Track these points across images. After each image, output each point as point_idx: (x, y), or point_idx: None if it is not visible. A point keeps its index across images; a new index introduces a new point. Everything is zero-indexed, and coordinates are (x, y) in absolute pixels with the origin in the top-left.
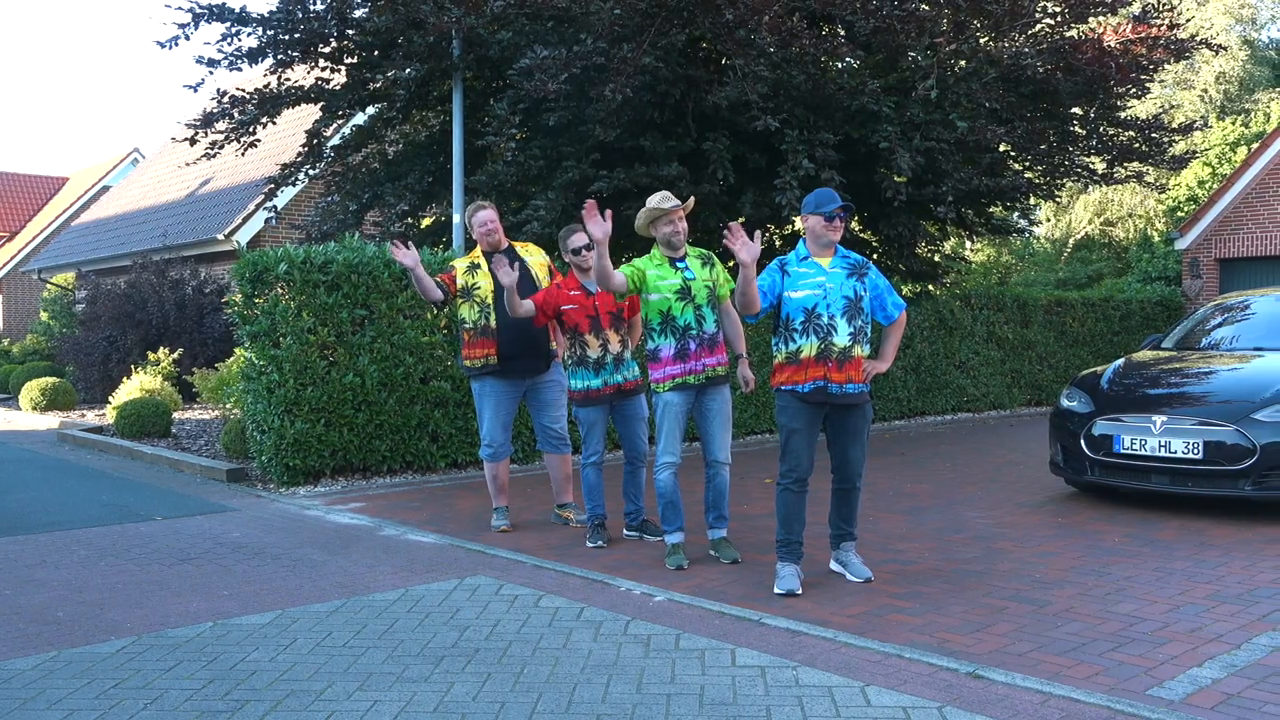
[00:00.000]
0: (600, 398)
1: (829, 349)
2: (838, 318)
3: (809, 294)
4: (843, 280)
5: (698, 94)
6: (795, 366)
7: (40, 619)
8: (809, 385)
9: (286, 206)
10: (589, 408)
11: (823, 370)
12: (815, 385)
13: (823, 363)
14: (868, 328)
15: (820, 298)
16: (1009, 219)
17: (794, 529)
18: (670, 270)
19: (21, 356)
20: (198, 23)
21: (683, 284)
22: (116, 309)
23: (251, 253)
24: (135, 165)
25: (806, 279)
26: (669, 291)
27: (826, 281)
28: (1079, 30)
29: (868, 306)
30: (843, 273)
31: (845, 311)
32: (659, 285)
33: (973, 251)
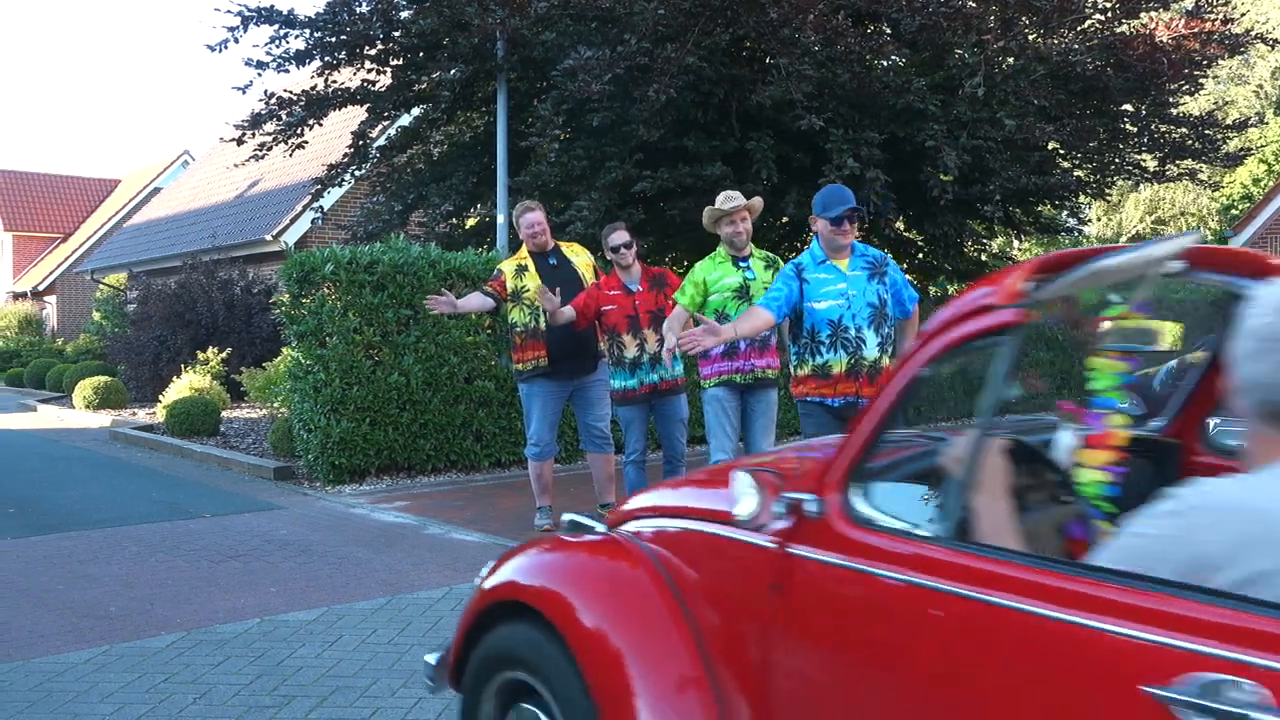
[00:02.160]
0: (636, 397)
1: (859, 364)
2: (865, 329)
3: (832, 305)
4: (864, 285)
5: (741, 93)
6: (823, 380)
7: (93, 614)
8: (840, 400)
9: (333, 207)
10: (627, 406)
11: (854, 386)
12: (847, 401)
13: (853, 378)
14: (892, 334)
15: (844, 309)
16: (1058, 218)
17: None
18: (732, 269)
19: (75, 356)
20: (246, 25)
21: (742, 283)
22: (167, 309)
23: (298, 253)
24: (185, 167)
25: (827, 286)
26: (728, 291)
27: (849, 289)
28: (1130, 26)
29: (891, 312)
30: (864, 275)
31: (871, 320)
32: (720, 285)
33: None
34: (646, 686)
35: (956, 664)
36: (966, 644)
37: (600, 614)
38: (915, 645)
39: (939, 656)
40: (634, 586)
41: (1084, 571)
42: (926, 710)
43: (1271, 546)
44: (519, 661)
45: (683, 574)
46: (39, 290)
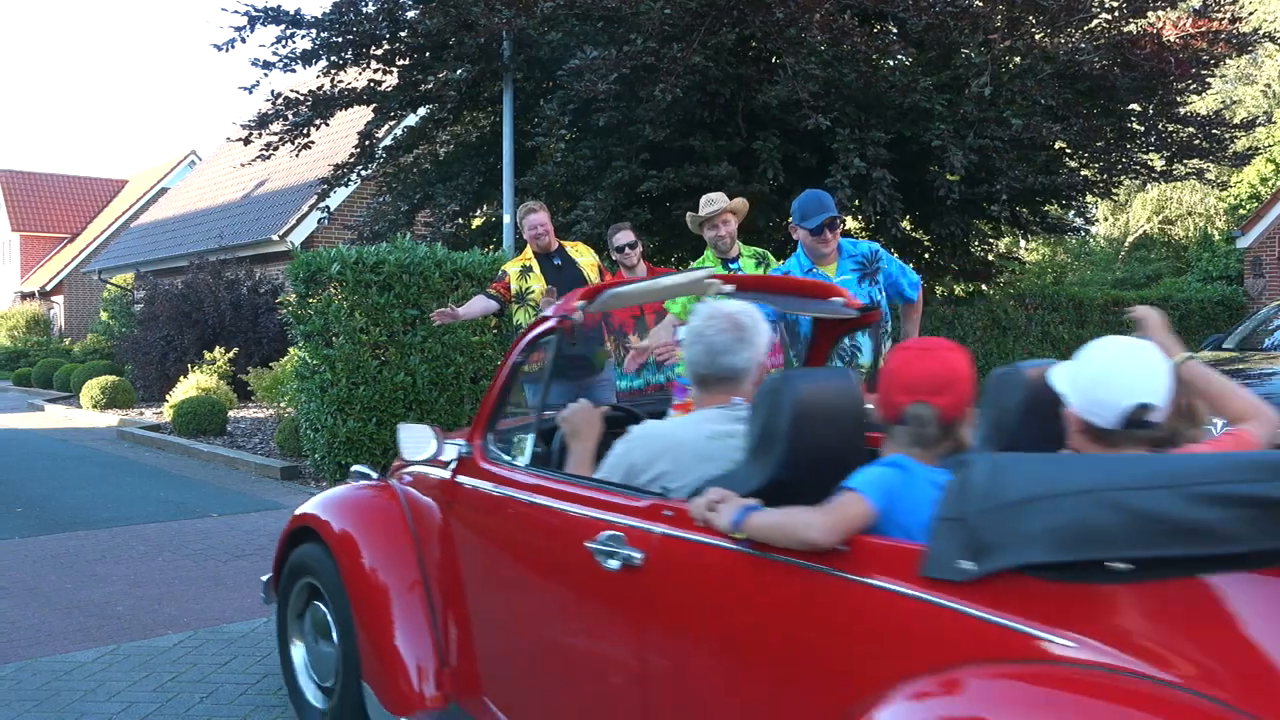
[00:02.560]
0: (641, 399)
1: (858, 373)
2: (858, 336)
3: None
4: (854, 290)
5: (747, 93)
6: None
7: (101, 613)
8: None
9: (339, 207)
10: None
11: None
12: None
13: None
14: (888, 330)
15: None
16: (1065, 217)
17: None
18: (722, 272)
19: (82, 355)
20: (253, 26)
21: None
22: (174, 309)
23: (305, 253)
24: (192, 167)
25: None
26: (720, 296)
27: None
28: (1137, 25)
29: (886, 311)
30: (853, 279)
31: None
32: None
33: (1027, 251)
34: (382, 582)
35: (526, 537)
36: (526, 524)
37: (355, 534)
38: (508, 529)
39: (519, 534)
40: (381, 514)
41: (571, 480)
42: (516, 566)
43: (669, 457)
44: (310, 570)
45: (414, 504)
46: (46, 290)
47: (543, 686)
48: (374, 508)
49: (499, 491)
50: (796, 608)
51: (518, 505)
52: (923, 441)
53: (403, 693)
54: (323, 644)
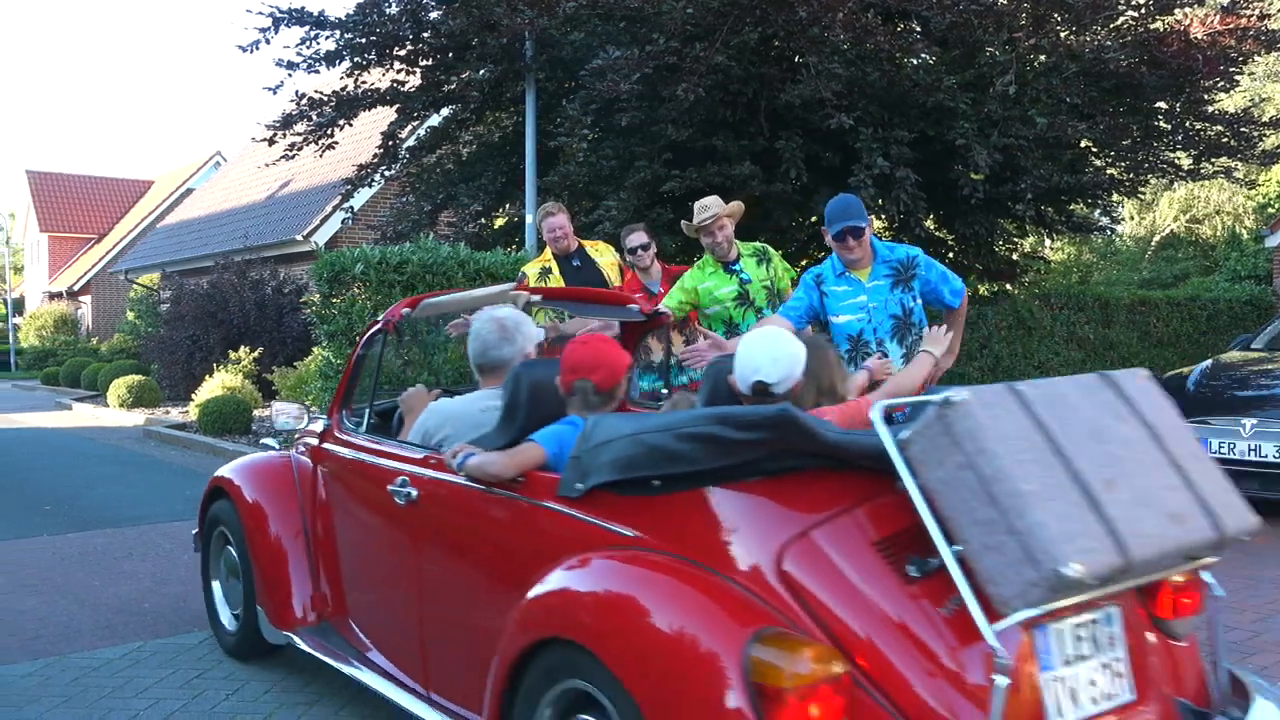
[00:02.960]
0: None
1: None
2: (887, 341)
3: (851, 319)
4: (886, 296)
5: (770, 92)
6: None
7: (127, 610)
8: None
9: (363, 208)
10: None
11: None
12: None
13: None
14: (921, 337)
15: (865, 322)
16: (1090, 216)
17: None
18: (725, 277)
19: (109, 355)
20: (277, 27)
21: (740, 290)
22: (199, 309)
23: (329, 253)
24: (217, 168)
25: (846, 300)
26: (727, 300)
27: (869, 301)
28: (1164, 22)
29: (919, 319)
30: (885, 285)
31: (894, 332)
32: (716, 296)
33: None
34: (270, 528)
35: (359, 485)
36: (359, 475)
37: (252, 491)
38: (351, 480)
39: (356, 483)
40: (274, 475)
41: (386, 442)
42: (356, 509)
43: (451, 424)
44: (222, 521)
45: (300, 466)
46: (74, 290)
47: (374, 601)
48: (269, 470)
49: (346, 453)
50: (502, 521)
51: (356, 462)
52: (588, 405)
53: (284, 614)
54: (232, 580)
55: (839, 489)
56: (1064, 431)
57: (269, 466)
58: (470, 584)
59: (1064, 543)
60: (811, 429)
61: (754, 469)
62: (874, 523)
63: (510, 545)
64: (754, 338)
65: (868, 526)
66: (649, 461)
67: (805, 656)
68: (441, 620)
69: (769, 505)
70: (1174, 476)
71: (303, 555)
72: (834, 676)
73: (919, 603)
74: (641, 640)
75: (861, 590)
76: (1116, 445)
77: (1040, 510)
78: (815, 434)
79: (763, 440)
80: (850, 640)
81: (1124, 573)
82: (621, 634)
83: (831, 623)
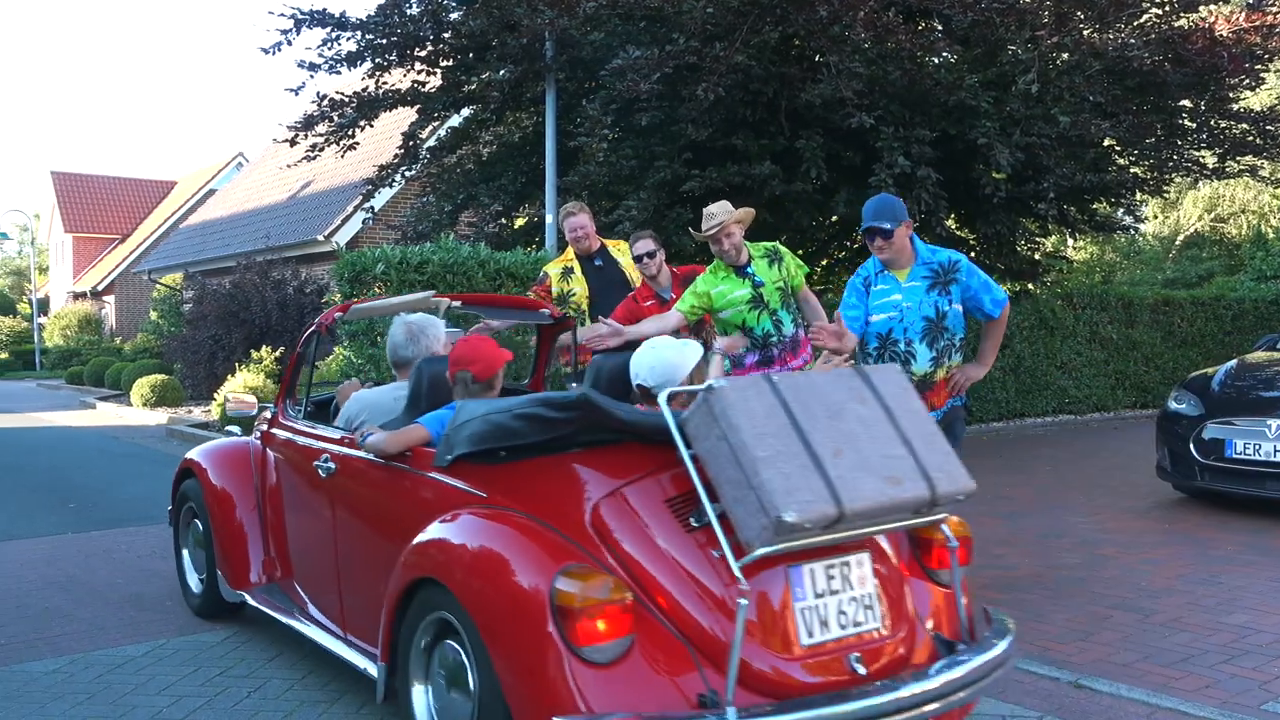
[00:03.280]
0: None
1: None
2: (916, 343)
3: (884, 317)
4: (921, 297)
5: (790, 92)
6: None
7: (151, 607)
8: None
9: (383, 208)
10: None
11: None
12: None
13: None
14: (956, 342)
15: (896, 320)
16: (1113, 216)
17: None
18: (737, 280)
19: (132, 354)
20: (299, 28)
21: (753, 293)
22: (222, 308)
23: (350, 253)
24: (240, 169)
25: (882, 298)
26: (741, 304)
27: (903, 301)
28: (1188, 20)
29: (953, 323)
30: (922, 286)
31: (925, 335)
32: (730, 300)
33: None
34: (228, 502)
35: (295, 461)
36: (295, 454)
37: (214, 471)
38: (290, 458)
39: (293, 460)
40: (233, 457)
41: (314, 427)
42: (293, 483)
43: (368, 411)
44: (190, 497)
45: (255, 449)
46: (98, 290)
47: (307, 562)
48: (230, 453)
49: (286, 436)
50: (395, 488)
51: (293, 444)
52: (469, 392)
53: (239, 577)
54: (198, 550)
55: (641, 458)
56: (804, 411)
57: (230, 450)
58: (372, 540)
59: (786, 496)
60: (608, 410)
61: (572, 442)
62: (667, 485)
63: (401, 507)
64: (645, 347)
65: (662, 488)
66: (494, 436)
67: (595, 585)
68: (352, 573)
69: (586, 470)
70: (900, 448)
71: (256, 526)
72: (618, 600)
73: (697, 547)
74: (480, 577)
75: (654, 537)
76: (852, 423)
77: (770, 471)
78: (612, 414)
79: (572, 419)
80: (643, 574)
81: (839, 521)
82: (467, 572)
83: (629, 561)
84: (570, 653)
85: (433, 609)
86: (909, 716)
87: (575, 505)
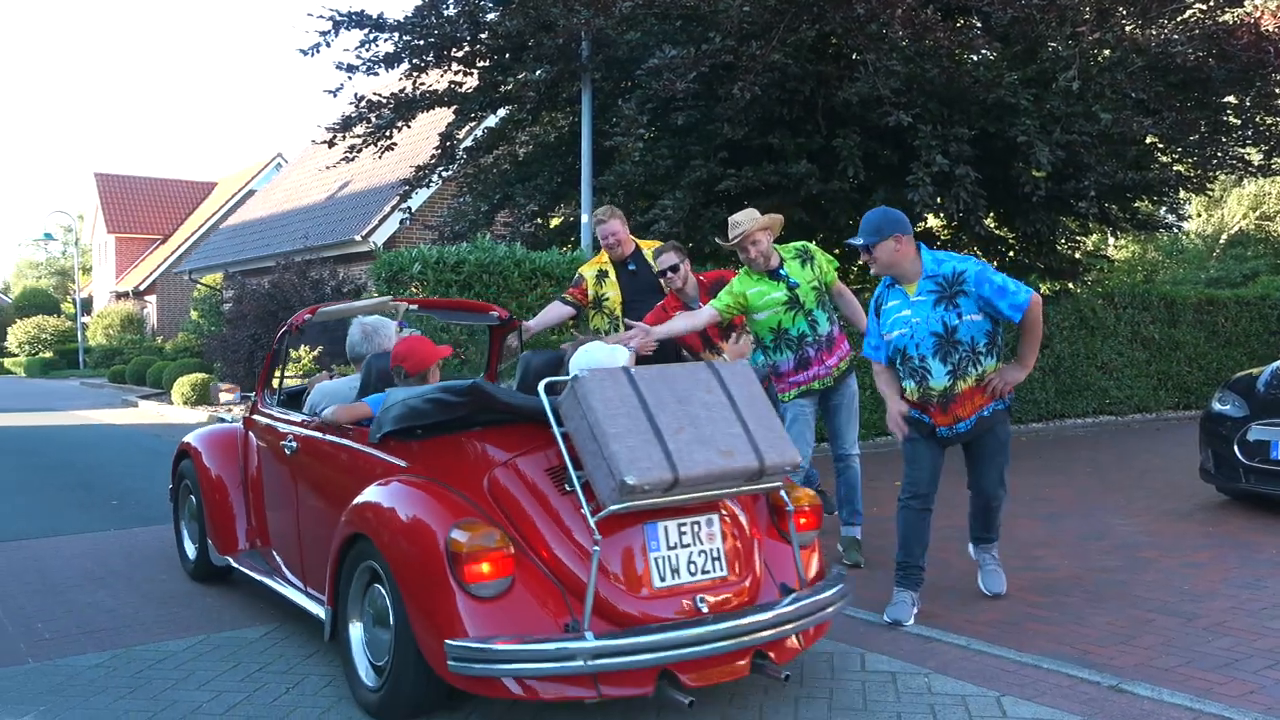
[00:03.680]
0: None
1: (928, 393)
2: (929, 358)
3: (898, 334)
4: (929, 312)
5: (827, 90)
6: (914, 403)
7: (190, 603)
8: (917, 413)
9: (420, 208)
10: None
11: (924, 411)
12: (926, 419)
13: (924, 405)
14: (981, 350)
15: (908, 337)
16: (1156, 214)
17: (913, 551)
18: (771, 283)
19: (173, 353)
20: (338, 30)
21: (788, 295)
22: (261, 308)
23: (387, 253)
24: (278, 169)
25: (894, 315)
26: (777, 305)
27: (912, 316)
28: (1233, 15)
29: (966, 335)
30: (928, 301)
31: (936, 350)
32: (766, 301)
33: (1115, 248)
34: (216, 480)
35: (268, 441)
36: (268, 435)
37: (206, 453)
38: (264, 438)
39: (266, 441)
40: (223, 440)
41: (286, 413)
42: (267, 461)
43: (329, 399)
44: (187, 476)
45: (241, 434)
46: (140, 290)
47: (279, 529)
48: (220, 437)
49: (264, 421)
50: (340, 460)
51: (268, 427)
52: (404, 384)
53: (226, 544)
54: (193, 523)
55: (531, 436)
56: (655, 398)
57: (220, 434)
58: (323, 505)
59: (629, 464)
60: (494, 396)
61: (472, 422)
62: (551, 457)
63: (343, 476)
64: (581, 350)
65: (547, 459)
66: (410, 417)
67: (480, 535)
68: (309, 533)
69: (486, 445)
70: (737, 428)
71: (241, 500)
72: (500, 548)
73: (571, 507)
74: (395, 531)
75: (536, 498)
76: (697, 408)
77: (618, 444)
78: (498, 399)
79: (465, 402)
80: (527, 528)
81: (676, 485)
82: (387, 528)
83: (517, 517)
84: (460, 589)
85: (364, 559)
86: (740, 641)
87: (476, 473)
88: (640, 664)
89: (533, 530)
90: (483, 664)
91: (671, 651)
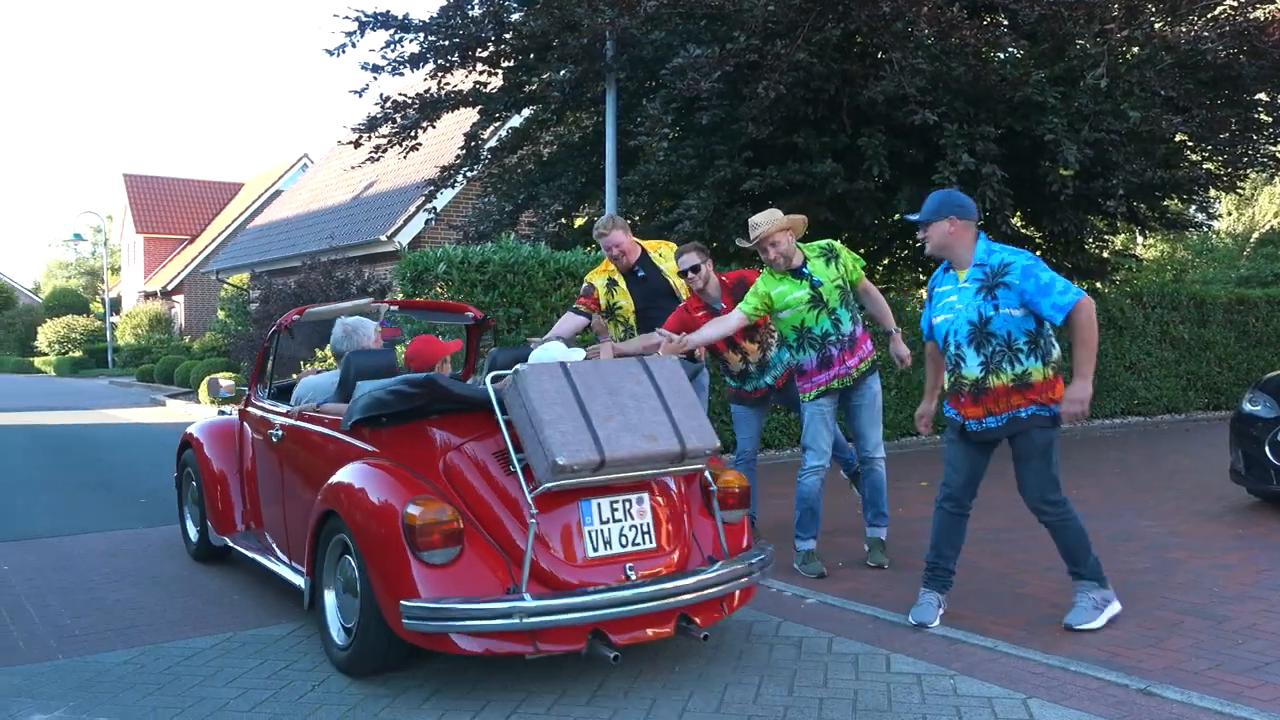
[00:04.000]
0: (749, 399)
1: (960, 382)
2: (964, 346)
3: (942, 320)
4: (970, 299)
5: (852, 89)
6: (948, 393)
7: (218, 600)
8: (953, 412)
9: (445, 208)
10: (738, 405)
11: (956, 403)
12: (956, 416)
13: (955, 395)
14: (1019, 347)
15: (950, 323)
16: (1185, 213)
17: (944, 553)
18: (794, 282)
19: (201, 353)
20: (363, 30)
21: (812, 293)
22: (287, 308)
23: (412, 253)
24: (305, 170)
25: (943, 300)
26: (800, 304)
27: (957, 303)
28: (1264, 11)
29: (1001, 328)
30: (972, 289)
31: (971, 339)
32: (790, 301)
33: (1144, 247)
34: (215, 467)
35: (259, 430)
36: (259, 426)
37: (206, 443)
38: (256, 428)
39: (258, 430)
40: (222, 431)
41: (276, 405)
42: (258, 449)
43: (313, 392)
44: (189, 464)
45: (239, 425)
46: (168, 290)
47: (269, 510)
48: (220, 428)
49: (257, 413)
50: (319, 446)
51: (259, 418)
52: None
53: (224, 526)
54: (195, 508)
55: (482, 423)
56: (587, 389)
57: (220, 426)
58: (304, 486)
59: (560, 447)
60: (446, 388)
61: (429, 410)
62: (499, 441)
63: (320, 460)
64: (540, 350)
65: (496, 443)
66: (375, 406)
67: (432, 509)
68: (293, 512)
69: (442, 431)
70: (662, 415)
71: (237, 486)
72: (451, 521)
73: (515, 486)
74: (361, 507)
75: (484, 478)
76: (626, 398)
77: (550, 429)
78: (450, 390)
79: (422, 393)
80: (476, 503)
81: (603, 466)
82: (354, 505)
83: (468, 495)
84: (414, 557)
85: (336, 533)
86: (664, 603)
87: (433, 456)
88: (572, 622)
89: (481, 505)
90: (434, 621)
91: (601, 611)
